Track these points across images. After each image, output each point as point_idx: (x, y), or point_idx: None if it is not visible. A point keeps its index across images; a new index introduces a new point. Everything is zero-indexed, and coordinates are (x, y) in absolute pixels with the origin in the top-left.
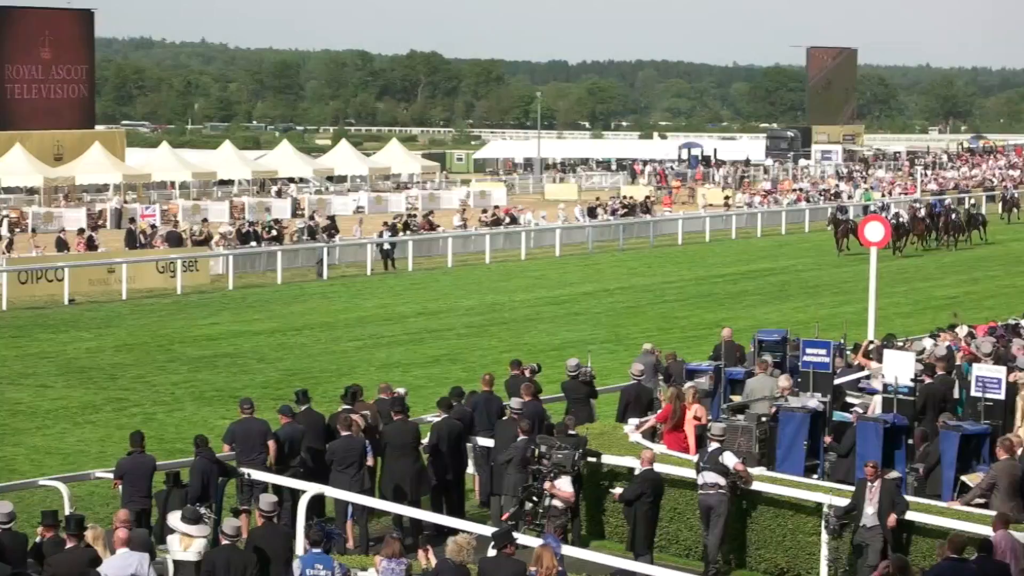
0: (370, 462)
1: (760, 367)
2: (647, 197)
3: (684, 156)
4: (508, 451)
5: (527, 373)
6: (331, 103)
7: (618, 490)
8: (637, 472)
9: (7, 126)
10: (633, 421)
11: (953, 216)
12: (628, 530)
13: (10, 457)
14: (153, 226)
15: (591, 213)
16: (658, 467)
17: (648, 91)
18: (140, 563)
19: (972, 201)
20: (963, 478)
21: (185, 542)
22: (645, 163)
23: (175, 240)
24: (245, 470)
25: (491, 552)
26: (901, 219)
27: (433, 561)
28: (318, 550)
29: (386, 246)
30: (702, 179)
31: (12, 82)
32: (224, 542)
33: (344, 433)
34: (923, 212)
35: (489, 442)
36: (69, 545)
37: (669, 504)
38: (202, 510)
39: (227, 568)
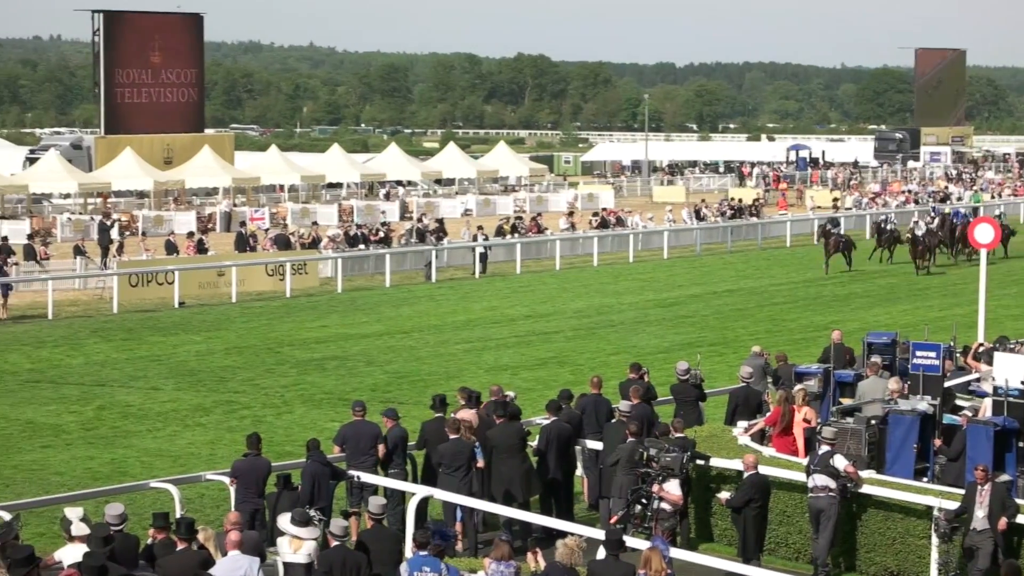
0: (480, 464)
1: (871, 369)
2: (756, 199)
3: (792, 158)
4: (615, 453)
5: (646, 378)
6: (439, 106)
7: (725, 495)
8: (743, 477)
9: (118, 130)
10: (742, 424)
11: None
12: (738, 536)
13: (121, 459)
14: (267, 230)
15: (698, 215)
16: (766, 470)
17: (756, 93)
18: (250, 567)
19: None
20: None
21: (295, 544)
22: (753, 165)
23: (283, 243)
24: (354, 473)
25: (600, 555)
26: (918, 232)
27: (542, 564)
28: (425, 552)
29: (480, 250)
30: (817, 181)
31: (122, 86)
32: (333, 543)
33: (452, 436)
34: (935, 224)
35: (598, 445)
36: (180, 547)
37: (778, 507)
38: (312, 512)
39: (342, 567)
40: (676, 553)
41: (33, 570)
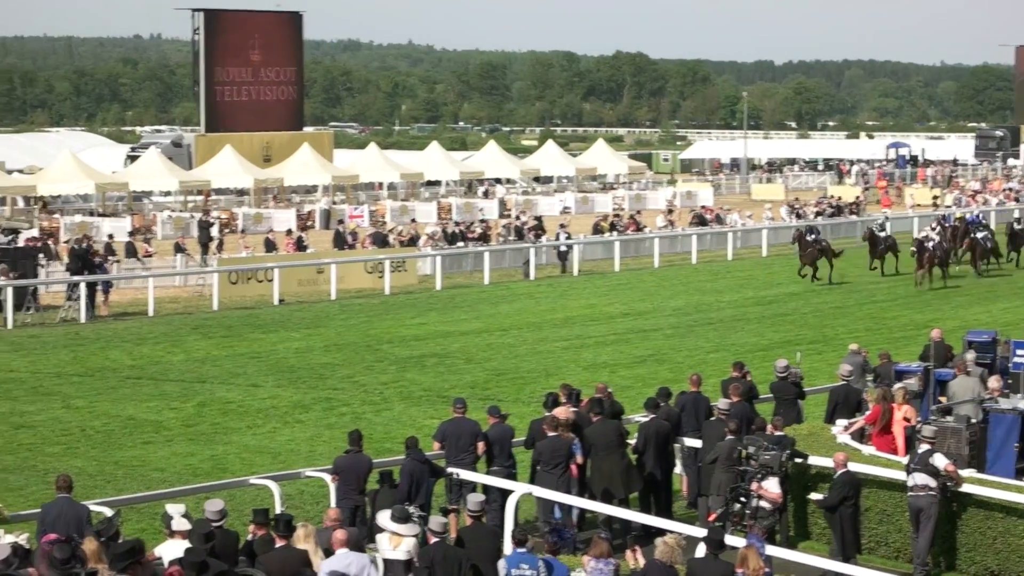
0: (579, 460)
1: (959, 368)
2: (857, 198)
3: (891, 156)
4: (714, 451)
5: (748, 376)
6: (537, 104)
7: (816, 496)
8: (835, 476)
9: (218, 128)
10: (841, 422)
11: (981, 235)
12: (835, 536)
13: (221, 456)
14: (376, 232)
15: (796, 213)
16: (866, 468)
17: (855, 91)
18: (361, 564)
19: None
20: None
21: (394, 541)
22: (852, 163)
23: (380, 241)
24: (453, 470)
25: (699, 553)
26: (929, 242)
27: (641, 562)
28: (523, 549)
29: (563, 248)
30: (924, 179)
31: (223, 84)
32: (433, 540)
33: (551, 433)
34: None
35: (697, 443)
36: (279, 544)
37: (878, 506)
38: (411, 509)
39: (443, 564)
40: (773, 551)
41: (135, 565)
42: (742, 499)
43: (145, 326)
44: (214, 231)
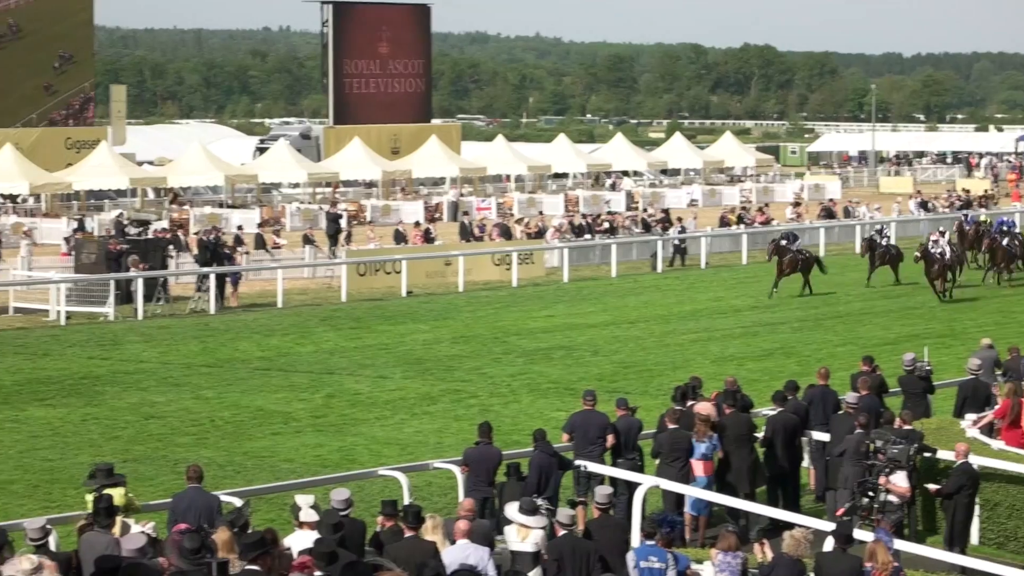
0: (719, 455)
1: None
2: (986, 191)
3: (1021, 149)
4: (841, 444)
5: (877, 371)
6: (664, 96)
7: (934, 486)
8: (954, 466)
9: (346, 120)
10: (970, 416)
11: (1006, 241)
12: (946, 524)
13: (350, 447)
14: (500, 223)
15: (923, 206)
16: (996, 463)
17: (984, 83)
18: (480, 556)
19: None
20: None
21: (522, 533)
22: (981, 156)
23: (507, 233)
24: (581, 462)
25: (827, 547)
26: (939, 250)
27: (769, 555)
28: (652, 542)
29: (676, 241)
30: None
31: (351, 77)
32: (561, 532)
33: (671, 426)
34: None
35: (825, 436)
36: (407, 535)
37: (1007, 501)
38: (539, 501)
39: (572, 556)
40: (902, 545)
41: (265, 555)
42: (870, 493)
43: (274, 317)
44: (342, 223)
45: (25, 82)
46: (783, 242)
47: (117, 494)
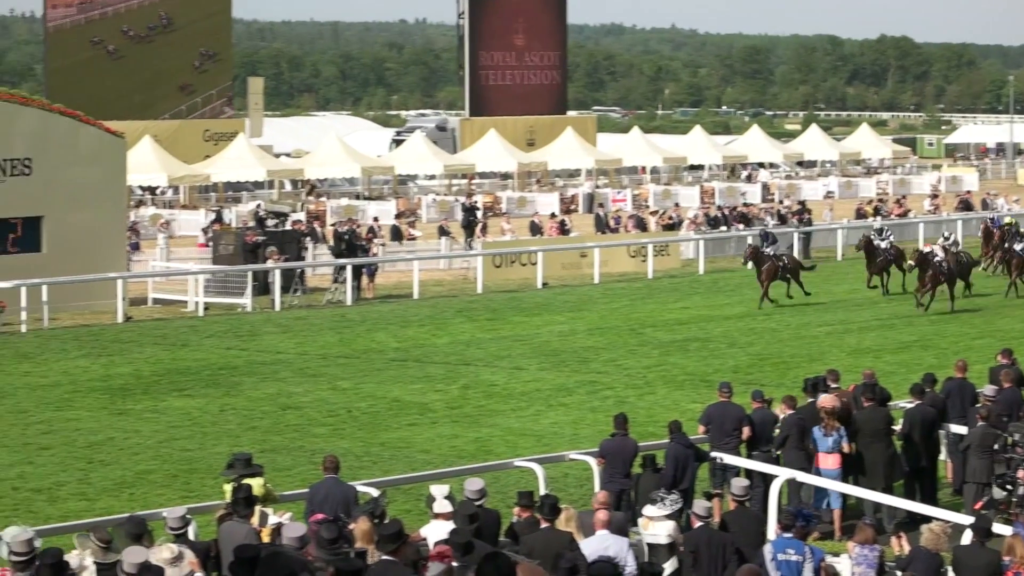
0: (845, 449)
1: None
2: None
3: None
4: (966, 438)
5: (1016, 365)
6: (800, 88)
7: None
8: None
9: (482, 112)
10: None
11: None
12: None
13: (486, 438)
14: (634, 215)
15: None
16: None
17: None
18: (619, 547)
19: None
20: None
21: (658, 525)
22: None
23: (642, 224)
24: (717, 454)
25: (965, 540)
26: (934, 255)
27: (907, 548)
28: (789, 535)
29: (799, 235)
30: None
31: (487, 69)
32: (697, 524)
33: (788, 411)
34: (953, 248)
35: (962, 429)
36: (543, 526)
37: None
38: (674, 494)
39: (708, 548)
40: None
41: (402, 546)
42: (1008, 487)
43: (410, 309)
44: (478, 214)
45: (169, 78)
46: (765, 248)
47: (256, 484)
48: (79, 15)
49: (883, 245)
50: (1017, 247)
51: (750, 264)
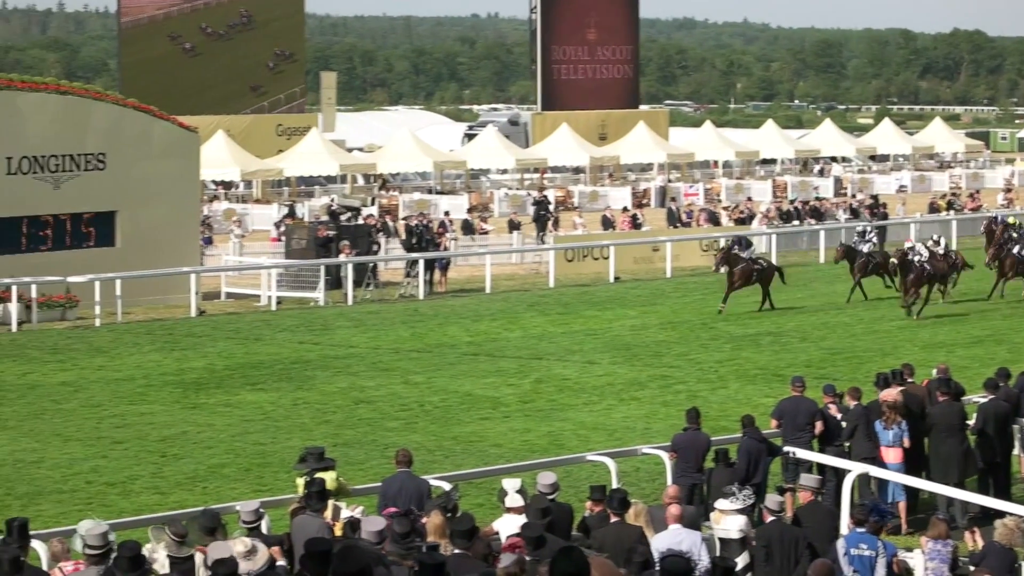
0: (906, 443)
1: None
2: None
3: None
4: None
5: None
6: (873, 82)
7: None
8: None
9: (554, 106)
10: None
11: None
12: None
13: (558, 432)
14: (705, 209)
15: None
16: None
17: None
18: (692, 541)
19: None
20: None
21: (730, 519)
22: None
23: (714, 219)
24: (790, 449)
25: None
26: (918, 257)
27: (980, 543)
28: (862, 529)
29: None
30: None
31: (559, 63)
32: (769, 518)
33: (852, 404)
34: (941, 249)
35: None
36: (613, 520)
37: None
38: (747, 489)
39: (780, 542)
40: None
41: (475, 541)
42: None
43: (482, 303)
44: (550, 209)
45: (243, 77)
46: (735, 249)
47: (329, 478)
48: (157, 11)
49: (865, 248)
50: (1015, 248)
51: (723, 268)
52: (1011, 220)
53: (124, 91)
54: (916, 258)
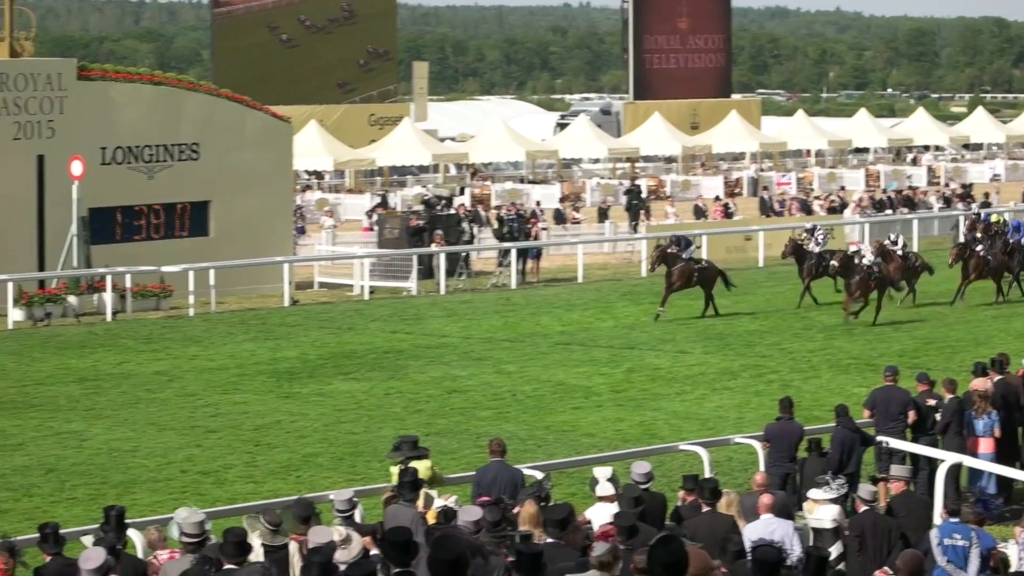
0: (996, 433)
1: None
2: None
3: None
4: None
5: None
6: (966, 70)
7: None
8: None
9: (646, 95)
10: None
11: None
12: None
13: (650, 421)
14: (797, 198)
15: None
16: None
17: None
18: (784, 530)
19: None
20: None
21: (823, 509)
22: None
23: (806, 208)
24: (883, 438)
25: None
26: (864, 259)
27: None
28: (956, 520)
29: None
30: None
31: (651, 52)
32: (863, 508)
33: (949, 396)
34: (900, 250)
35: None
36: (705, 510)
37: None
38: (840, 478)
39: (874, 532)
40: None
41: (571, 531)
42: None
43: (575, 292)
44: (642, 198)
45: (336, 71)
46: (672, 249)
47: (422, 467)
48: (253, 1)
49: (815, 249)
50: (980, 248)
51: (658, 268)
52: (994, 218)
53: (217, 81)
54: (863, 261)
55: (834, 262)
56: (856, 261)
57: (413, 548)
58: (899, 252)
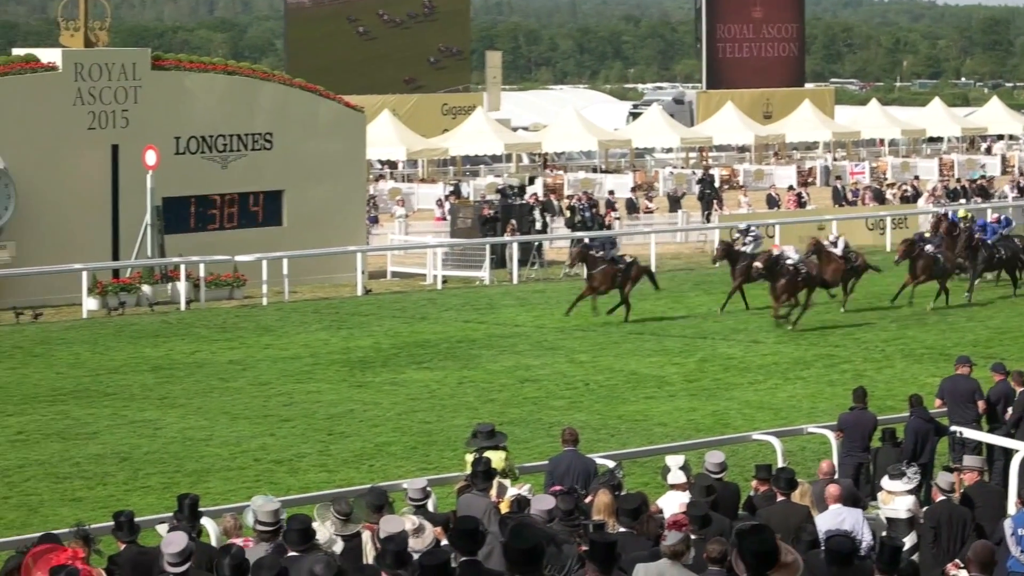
0: None
1: None
2: None
3: None
4: None
5: None
6: None
7: None
8: None
9: (719, 84)
10: None
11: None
12: None
13: (723, 411)
14: (871, 187)
15: None
16: None
17: None
18: (854, 519)
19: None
20: None
21: (896, 499)
22: None
23: (880, 197)
24: (957, 428)
25: None
26: (788, 261)
27: None
28: None
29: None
30: None
31: (724, 41)
32: (939, 498)
33: (1020, 388)
34: (840, 251)
35: None
36: (779, 499)
37: None
38: (914, 468)
39: (949, 522)
40: None
41: (643, 520)
42: None
43: (646, 282)
44: (715, 187)
45: (409, 67)
46: (592, 250)
47: (496, 457)
48: None
49: (747, 249)
50: (928, 247)
51: (575, 268)
52: (961, 213)
53: (290, 71)
54: (787, 262)
55: (758, 263)
56: (780, 263)
57: (480, 537)
58: (838, 252)
